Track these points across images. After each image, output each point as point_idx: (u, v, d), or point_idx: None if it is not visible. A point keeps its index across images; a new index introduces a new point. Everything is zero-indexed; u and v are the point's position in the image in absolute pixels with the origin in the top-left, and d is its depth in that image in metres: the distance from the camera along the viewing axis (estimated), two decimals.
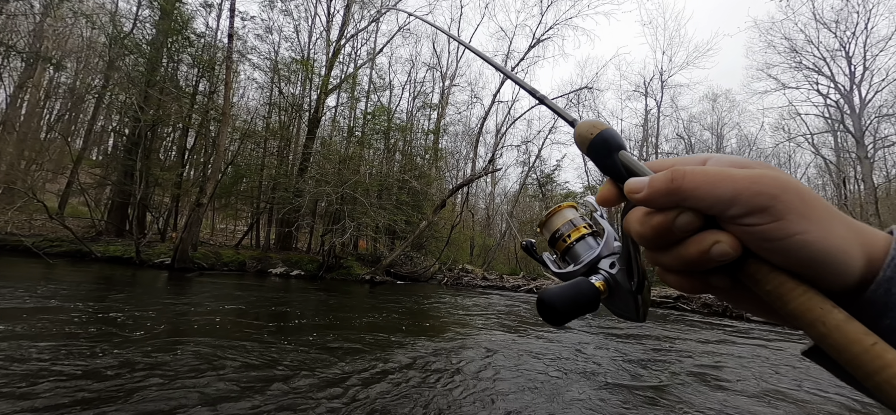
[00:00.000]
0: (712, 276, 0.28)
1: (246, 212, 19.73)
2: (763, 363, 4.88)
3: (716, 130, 34.87)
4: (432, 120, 24.07)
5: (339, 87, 18.52)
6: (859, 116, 30.62)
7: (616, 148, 0.32)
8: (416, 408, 2.65)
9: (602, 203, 0.33)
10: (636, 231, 0.29)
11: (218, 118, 14.53)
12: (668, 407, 3.06)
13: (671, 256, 0.28)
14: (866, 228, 0.26)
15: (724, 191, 0.25)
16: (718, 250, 0.25)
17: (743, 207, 0.25)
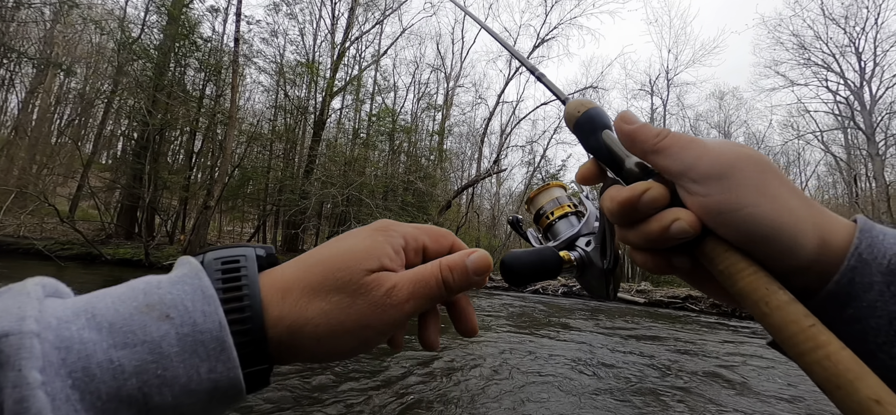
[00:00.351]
0: (674, 256, 0.28)
1: (253, 214, 19.87)
2: (774, 363, 4.82)
3: (723, 128, 34.52)
4: (437, 121, 24.11)
5: (343, 89, 18.62)
6: (870, 112, 30.17)
7: (601, 127, 0.33)
8: (429, 409, 2.65)
9: (580, 181, 0.34)
10: (607, 207, 0.30)
11: (224, 121, 14.66)
12: (682, 408, 3.03)
13: (636, 233, 0.29)
14: (827, 213, 0.27)
15: (690, 154, 0.27)
16: (677, 227, 0.26)
17: (700, 173, 0.26)
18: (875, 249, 0.25)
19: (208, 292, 0.23)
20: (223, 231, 23.62)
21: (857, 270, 0.25)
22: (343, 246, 0.28)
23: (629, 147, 0.31)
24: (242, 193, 18.52)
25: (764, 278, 0.25)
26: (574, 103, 0.35)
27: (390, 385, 3.05)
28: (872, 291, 0.24)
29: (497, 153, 22.07)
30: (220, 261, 0.26)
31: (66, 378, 0.18)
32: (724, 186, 0.26)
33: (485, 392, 3.08)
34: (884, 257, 0.24)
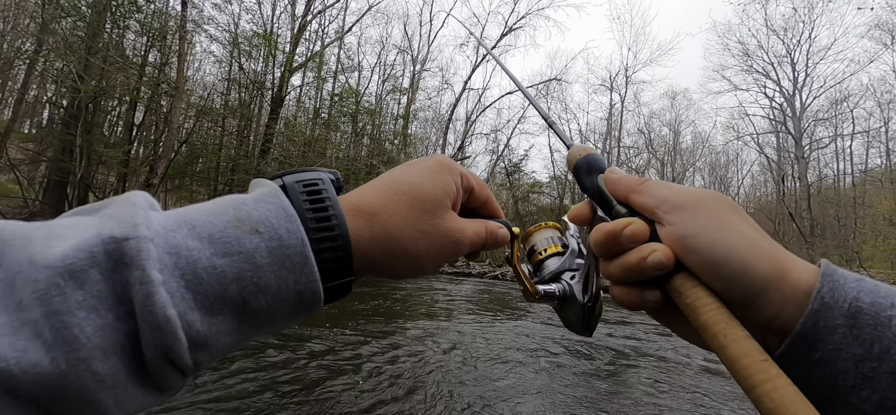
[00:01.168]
0: (646, 290, 0.31)
1: (203, 194, 18.68)
2: None
3: (673, 126, 36.74)
4: (402, 105, 23.69)
5: (304, 65, 17.74)
6: (799, 119, 33.38)
7: (597, 171, 0.37)
8: (386, 394, 2.64)
9: (573, 219, 0.38)
10: (594, 238, 0.34)
11: (170, 92, 13.55)
12: (632, 390, 3.24)
13: (618, 264, 0.32)
14: (788, 253, 0.29)
15: (663, 191, 0.32)
16: (654, 258, 0.29)
17: (671, 204, 0.31)
18: (836, 293, 0.26)
19: (289, 211, 0.25)
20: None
21: (820, 313, 0.26)
22: (420, 180, 0.32)
23: (614, 190, 0.35)
24: (191, 171, 17.32)
25: (725, 314, 0.27)
26: (576, 149, 0.39)
27: (359, 370, 3.02)
28: (836, 334, 0.25)
29: (462, 140, 22.13)
30: (302, 184, 0.28)
31: (179, 279, 0.21)
32: (688, 216, 0.30)
33: (449, 375, 3.12)
34: (844, 301, 0.25)
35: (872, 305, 0.25)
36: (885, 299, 0.25)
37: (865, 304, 0.25)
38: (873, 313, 0.25)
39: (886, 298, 0.25)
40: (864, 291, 0.26)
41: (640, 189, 0.33)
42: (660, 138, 36.69)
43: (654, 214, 0.32)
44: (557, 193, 29.56)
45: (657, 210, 0.31)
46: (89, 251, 0.18)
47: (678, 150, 36.27)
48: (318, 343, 3.60)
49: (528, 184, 29.69)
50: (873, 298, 0.25)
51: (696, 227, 0.29)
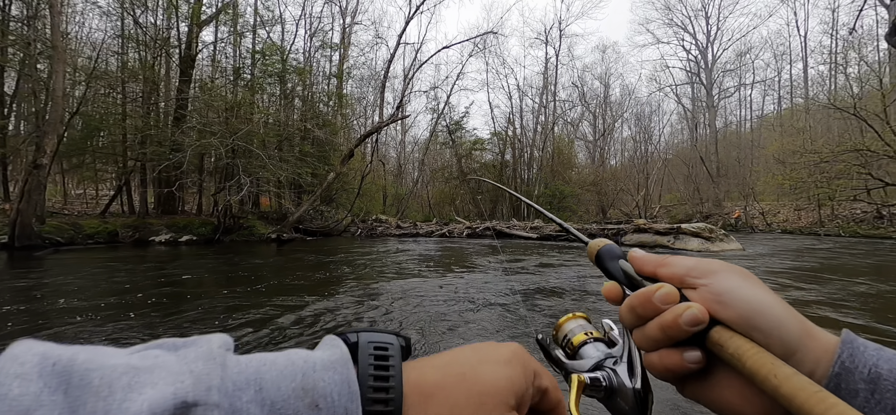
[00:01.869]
0: (686, 351, 0.32)
1: (110, 173, 16.48)
2: None
3: (604, 79, 38.57)
4: (334, 63, 22.22)
5: (215, 17, 15.76)
6: (711, 70, 36.56)
7: (617, 256, 0.41)
8: None
9: (607, 298, 0.40)
10: (627, 306, 0.35)
11: (47, 54, 11.43)
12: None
13: (653, 326, 0.33)
14: (808, 322, 0.31)
15: (686, 263, 0.34)
16: (690, 314, 0.31)
17: (700, 271, 0.33)
18: (856, 359, 0.28)
19: (353, 388, 0.25)
20: (70, 195, 19.30)
21: (842, 376, 0.28)
22: (487, 369, 0.29)
23: (641, 268, 0.38)
24: (91, 147, 15.12)
25: (768, 356, 0.28)
26: (594, 243, 0.44)
27: (278, 341, 2.91)
28: (858, 397, 0.27)
29: (400, 98, 21.45)
30: (373, 346, 0.28)
31: None
32: (719, 278, 0.32)
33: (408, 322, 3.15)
34: (864, 366, 0.27)
35: (891, 371, 0.27)
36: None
37: (884, 371, 0.27)
38: (892, 379, 0.26)
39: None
40: (883, 359, 0.28)
41: (666, 262, 0.36)
42: (592, 91, 38.45)
43: (684, 282, 0.33)
44: (499, 149, 30.21)
45: (687, 277, 0.33)
46: None
47: (608, 102, 38.35)
48: (295, 311, 3.43)
49: (470, 141, 29.92)
50: (892, 365, 0.27)
51: (730, 285, 0.31)
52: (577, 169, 34.16)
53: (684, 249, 10.39)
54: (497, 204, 28.52)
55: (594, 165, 35.00)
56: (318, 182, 15.83)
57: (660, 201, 32.66)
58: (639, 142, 37.92)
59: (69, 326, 3.31)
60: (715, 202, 28.56)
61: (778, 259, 8.50)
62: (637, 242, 11.75)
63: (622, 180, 32.05)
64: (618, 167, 37.54)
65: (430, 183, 32.00)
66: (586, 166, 35.70)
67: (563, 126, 35.57)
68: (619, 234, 12.73)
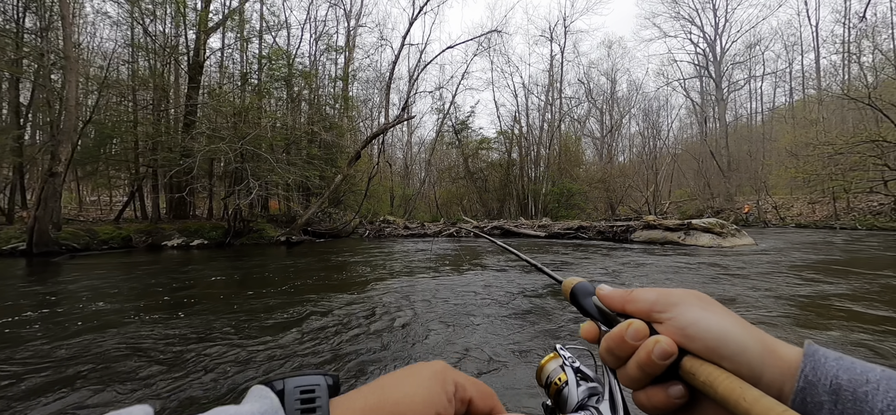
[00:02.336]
0: (670, 386, 0.34)
1: (122, 179, 16.79)
2: (653, 269, 5.82)
3: (611, 75, 38.23)
4: (339, 65, 22.34)
5: (222, 24, 15.94)
6: (719, 63, 36.04)
7: (590, 293, 0.43)
8: (345, 355, 2.61)
9: (585, 338, 0.42)
10: (604, 348, 0.37)
11: (61, 64, 11.67)
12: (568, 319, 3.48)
13: (632, 365, 0.35)
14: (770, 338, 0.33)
15: (650, 295, 0.36)
16: (660, 348, 0.33)
17: (662, 305, 0.35)
18: (819, 371, 0.29)
19: None
20: (85, 202, 19.71)
21: (807, 390, 0.29)
22: (406, 390, 0.31)
23: (610, 305, 0.40)
24: (104, 154, 15.41)
25: (736, 381, 0.30)
26: (567, 282, 0.45)
27: (293, 342, 2.94)
28: (823, 409, 0.28)
29: (406, 100, 21.48)
30: (299, 390, 0.29)
31: None
32: (680, 310, 0.34)
33: (389, 335, 3.15)
34: (826, 378, 0.29)
35: (850, 382, 0.28)
36: (860, 376, 0.28)
37: (844, 381, 0.28)
38: (851, 389, 0.28)
39: (861, 374, 0.28)
40: (843, 370, 0.29)
41: (631, 298, 0.38)
42: (598, 87, 38.13)
43: (650, 316, 0.36)
44: (505, 148, 30.12)
45: (652, 312, 0.36)
46: None
47: (615, 98, 38.01)
48: (295, 313, 3.46)
49: (476, 141, 29.88)
50: (850, 375, 0.28)
51: (691, 317, 0.33)
52: (584, 166, 33.89)
53: (695, 244, 10.25)
54: (504, 203, 28.44)
55: (602, 162, 34.67)
56: (326, 184, 15.94)
57: (669, 197, 32.26)
58: (647, 137, 37.51)
59: (96, 331, 3.38)
60: (726, 197, 28.14)
61: (794, 253, 8.35)
62: (647, 238, 11.62)
63: (631, 177, 31.70)
64: (626, 163, 37.15)
65: (436, 183, 32.02)
66: (594, 163, 35.39)
67: (569, 123, 35.30)
68: (629, 230, 12.59)
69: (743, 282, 5.14)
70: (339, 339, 3.11)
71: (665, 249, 9.69)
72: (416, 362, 1.92)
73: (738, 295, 4.40)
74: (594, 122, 38.51)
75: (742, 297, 4.31)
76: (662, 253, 8.85)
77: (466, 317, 3.66)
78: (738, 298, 4.23)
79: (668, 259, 7.64)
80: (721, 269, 6.31)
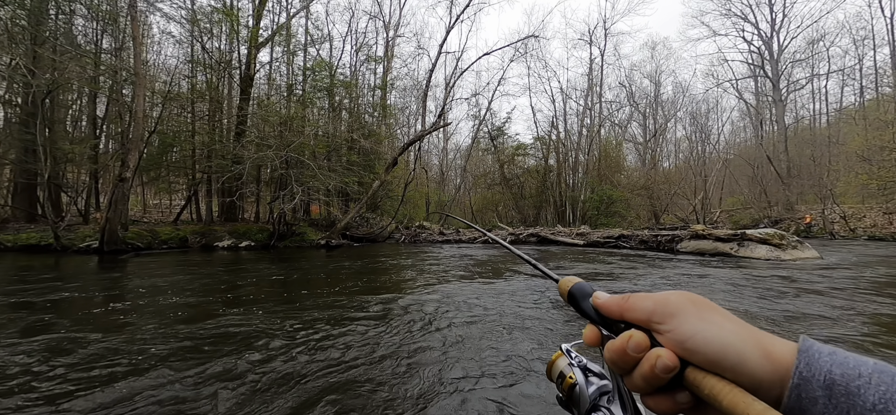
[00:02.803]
0: (677, 393, 0.34)
1: (181, 184, 18.15)
2: (697, 281, 5.46)
3: (654, 77, 36.63)
4: (378, 75, 22.99)
5: (270, 39, 16.91)
6: (776, 61, 33.52)
7: (588, 295, 0.42)
8: (383, 358, 2.67)
9: (588, 344, 0.41)
10: (609, 359, 0.37)
11: (131, 80, 12.85)
12: None
13: (638, 377, 0.35)
14: (766, 335, 0.33)
15: (646, 304, 0.36)
16: (661, 363, 0.33)
17: (658, 315, 0.35)
18: (813, 366, 0.30)
19: None
20: (149, 205, 21.47)
21: (801, 387, 0.29)
22: None
23: (608, 313, 0.40)
24: (165, 161, 16.75)
25: (741, 394, 0.30)
26: (564, 281, 0.45)
27: (331, 344, 3.03)
28: (817, 404, 0.29)
29: (442, 107, 21.70)
30: None
31: None
32: (678, 321, 0.34)
33: (427, 340, 3.17)
34: (820, 373, 0.29)
35: (843, 376, 0.28)
36: (853, 370, 0.29)
37: (837, 376, 0.29)
38: (844, 383, 0.28)
39: (854, 368, 0.29)
40: (836, 364, 0.29)
41: (627, 306, 0.38)
42: (641, 91, 36.63)
43: (649, 326, 0.36)
44: (542, 154, 29.59)
45: (650, 323, 0.36)
46: None
47: (659, 101, 36.34)
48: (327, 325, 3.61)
49: (512, 147, 29.58)
50: (843, 369, 0.29)
51: (690, 329, 0.33)
52: (626, 172, 32.60)
53: (750, 257, 9.54)
54: (541, 210, 27.90)
55: (645, 168, 33.20)
56: (364, 190, 16.39)
57: (720, 205, 30.28)
58: (695, 142, 35.50)
59: (174, 320, 3.68)
60: (786, 205, 25.99)
61: (868, 269, 7.55)
62: (695, 249, 10.97)
63: (677, 183, 30.10)
64: (672, 169, 35.34)
65: (472, 189, 31.99)
66: (636, 169, 33.96)
67: (610, 128, 34.15)
68: (675, 240, 11.94)
69: (812, 299, 4.71)
70: (379, 337, 3.17)
71: (716, 261, 9.09)
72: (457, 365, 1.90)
73: (808, 313, 4.03)
74: (636, 126, 37.01)
75: (813, 316, 3.95)
76: (718, 265, 8.30)
77: (505, 321, 3.61)
78: (809, 317, 3.88)
79: (723, 271, 7.15)
80: (785, 283, 5.82)
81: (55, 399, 2.17)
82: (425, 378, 2.48)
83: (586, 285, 0.43)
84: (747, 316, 3.87)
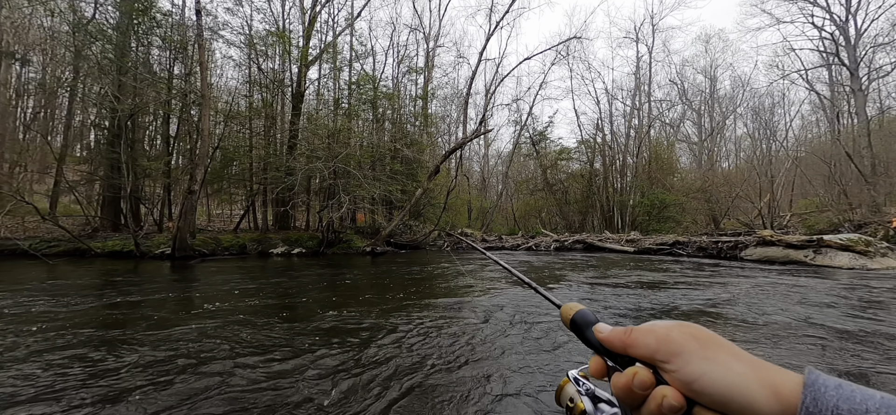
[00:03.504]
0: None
1: (240, 195, 19.55)
2: (768, 293, 5.02)
3: (709, 72, 34.27)
4: (419, 85, 23.47)
5: (319, 57, 17.86)
6: (854, 47, 30.09)
7: (591, 323, 0.41)
8: (428, 363, 2.71)
9: (595, 375, 0.40)
10: (615, 393, 0.37)
11: (198, 102, 14.08)
12: None
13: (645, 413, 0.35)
14: (772, 368, 0.32)
15: (650, 340, 0.36)
16: (667, 404, 0.33)
17: (663, 354, 0.34)
18: (819, 402, 0.29)
19: None
20: (212, 215, 23.31)
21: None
22: None
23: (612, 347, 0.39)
24: (227, 174, 18.13)
25: None
26: (566, 308, 0.43)
27: (376, 348, 3.10)
28: None
29: (483, 114, 21.69)
30: None
31: None
32: (682, 362, 0.33)
33: (472, 346, 3.15)
34: (826, 410, 0.28)
35: (850, 411, 0.28)
36: (860, 405, 0.28)
37: (844, 411, 0.28)
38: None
39: (861, 403, 0.28)
40: (843, 399, 0.28)
41: (629, 341, 0.37)
42: (694, 87, 34.41)
43: (655, 361, 0.35)
44: (587, 158, 28.62)
45: (654, 361, 0.35)
46: None
47: (715, 97, 33.92)
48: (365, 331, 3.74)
49: (555, 152, 28.88)
50: (850, 404, 0.28)
51: (696, 371, 0.32)
52: (679, 174, 30.68)
53: (829, 266, 8.59)
54: (587, 215, 26.93)
55: (701, 169, 31.06)
56: (407, 198, 16.72)
57: (790, 208, 27.59)
58: (758, 139, 32.71)
59: (218, 320, 3.98)
60: (871, 207, 23.10)
61: None
62: (762, 256, 10.06)
63: (739, 185, 27.84)
64: (732, 170, 32.75)
65: (513, 195, 31.60)
66: (691, 171, 31.85)
67: (660, 128, 32.36)
68: (737, 247, 11.03)
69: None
70: (424, 340, 3.21)
71: (789, 271, 8.27)
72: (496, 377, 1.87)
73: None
74: (690, 125, 34.78)
75: None
76: (793, 275, 7.55)
77: (544, 334, 3.52)
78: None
79: (802, 283, 6.49)
80: (882, 294, 5.17)
81: (162, 383, 2.41)
82: (486, 380, 2.47)
83: (589, 314, 0.42)
84: (846, 337, 3.48)
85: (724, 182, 27.49)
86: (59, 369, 2.75)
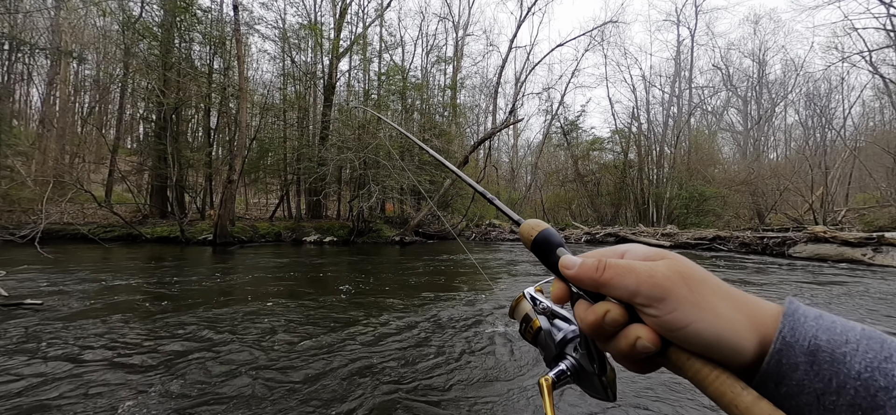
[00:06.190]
0: (657, 361, 0.32)
1: (275, 185, 20.30)
2: (827, 294, 4.68)
3: (758, 56, 32.02)
4: (448, 75, 23.34)
5: (350, 49, 18.09)
6: None
7: (555, 246, 0.36)
8: (458, 354, 2.72)
9: (556, 301, 0.37)
10: (579, 321, 0.34)
11: (236, 95, 14.65)
12: None
13: (613, 348, 0.32)
14: (757, 303, 0.30)
15: (629, 282, 0.31)
16: (641, 344, 0.30)
17: (644, 297, 0.30)
18: (797, 332, 0.28)
19: None
20: (250, 203, 24.37)
21: (783, 351, 0.27)
22: None
23: (580, 284, 0.34)
24: (263, 164, 18.83)
25: (728, 381, 0.28)
26: (527, 225, 0.38)
27: (404, 334, 3.14)
28: (798, 370, 0.27)
29: (512, 103, 21.33)
30: None
31: None
32: (667, 307, 0.29)
33: (497, 339, 3.13)
34: (804, 339, 0.27)
35: (829, 342, 0.27)
36: (840, 336, 0.27)
37: (823, 342, 0.27)
38: (830, 350, 0.27)
39: (841, 334, 0.27)
40: (822, 330, 0.27)
41: (603, 280, 0.32)
42: (740, 72, 32.28)
43: (633, 305, 0.31)
44: (621, 148, 27.60)
45: (633, 303, 0.31)
46: None
47: (765, 82, 31.69)
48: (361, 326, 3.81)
49: (587, 142, 28.02)
50: (830, 335, 0.27)
51: (681, 320, 0.29)
52: (721, 166, 29.04)
53: (890, 265, 7.90)
54: (620, 208, 26.08)
55: (746, 160, 29.25)
56: (436, 189, 16.78)
57: (846, 203, 25.56)
58: (811, 128, 30.37)
59: (258, 303, 4.17)
60: None
61: None
62: (813, 254, 9.40)
63: (788, 177, 26.03)
64: (780, 162, 30.64)
65: (543, 187, 31.05)
66: (735, 162, 30.07)
67: (701, 116, 30.67)
68: (785, 243, 10.35)
69: None
70: (445, 330, 3.23)
71: (844, 270, 7.67)
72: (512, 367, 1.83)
73: None
74: (735, 112, 32.77)
75: None
76: (849, 275, 7.01)
77: None
78: None
79: (862, 284, 6.01)
80: None
81: (211, 356, 2.56)
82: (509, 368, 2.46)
83: (555, 234, 0.37)
84: None
85: (772, 174, 25.76)
86: (132, 335, 2.97)
